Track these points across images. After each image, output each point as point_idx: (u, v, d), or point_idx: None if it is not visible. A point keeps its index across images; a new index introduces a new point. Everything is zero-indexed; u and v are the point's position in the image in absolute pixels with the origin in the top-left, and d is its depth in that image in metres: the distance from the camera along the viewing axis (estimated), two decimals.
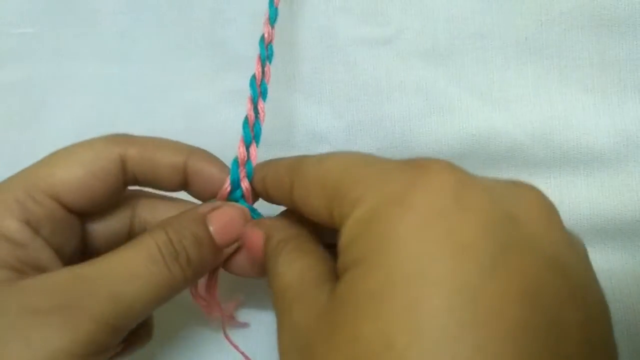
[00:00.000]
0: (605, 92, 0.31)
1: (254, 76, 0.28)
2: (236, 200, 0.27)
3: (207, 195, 0.27)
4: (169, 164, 0.26)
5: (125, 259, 0.23)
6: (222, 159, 0.35)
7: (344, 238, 0.18)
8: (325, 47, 0.33)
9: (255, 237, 0.25)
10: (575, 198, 0.31)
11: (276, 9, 0.29)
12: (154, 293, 0.23)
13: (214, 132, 0.35)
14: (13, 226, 0.23)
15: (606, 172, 0.31)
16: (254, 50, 0.34)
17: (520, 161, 0.32)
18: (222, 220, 0.26)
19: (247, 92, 0.34)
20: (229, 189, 0.27)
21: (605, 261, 0.32)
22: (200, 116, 0.35)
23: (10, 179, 0.25)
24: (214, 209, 0.26)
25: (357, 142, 0.34)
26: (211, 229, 0.25)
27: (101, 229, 0.27)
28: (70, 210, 0.25)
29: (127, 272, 0.23)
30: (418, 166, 0.18)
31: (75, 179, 0.25)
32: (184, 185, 0.27)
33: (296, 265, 0.21)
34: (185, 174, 0.27)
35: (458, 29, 0.32)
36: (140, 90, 0.36)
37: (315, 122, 0.34)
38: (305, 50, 0.34)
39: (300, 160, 0.23)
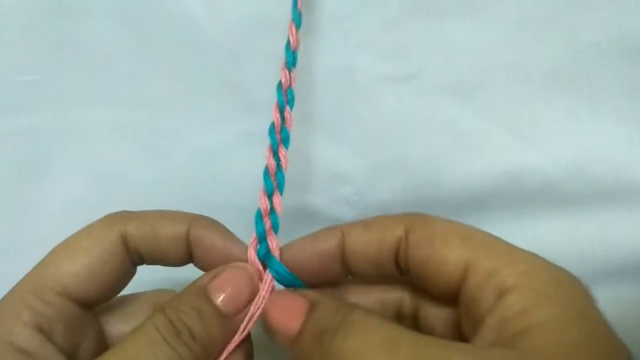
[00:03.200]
0: (639, 122, 0.30)
1: (272, 124, 0.27)
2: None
3: (212, 265, 0.25)
4: (170, 235, 0.25)
5: (126, 349, 0.22)
6: (238, 205, 0.33)
7: (520, 303, 0.20)
8: (345, 86, 0.32)
9: (295, 304, 0.23)
10: (616, 235, 0.30)
11: (294, 53, 0.28)
12: None
13: (230, 177, 0.33)
14: (23, 334, 0.22)
15: None
16: (271, 92, 0.32)
17: (556, 198, 0.31)
18: (224, 286, 0.24)
19: (265, 135, 0.33)
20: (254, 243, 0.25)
21: None
22: (215, 161, 0.34)
23: (17, 285, 0.24)
24: (214, 277, 0.24)
25: (381, 183, 0.32)
26: (215, 299, 0.23)
27: (121, 328, 0.26)
28: (82, 304, 0.24)
29: None
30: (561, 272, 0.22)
31: (81, 268, 0.24)
32: (190, 257, 0.26)
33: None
34: (189, 244, 0.25)
35: (483, 62, 0.31)
36: (151, 135, 0.34)
37: (336, 162, 0.33)
38: (324, 89, 0.32)
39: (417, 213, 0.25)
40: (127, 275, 0.26)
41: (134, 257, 0.25)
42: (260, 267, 0.25)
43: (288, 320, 0.23)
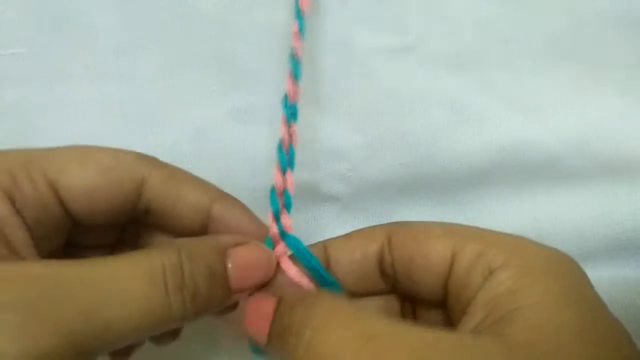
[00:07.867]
0: None
1: (286, 96, 0.26)
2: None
3: None
4: (193, 201, 0.24)
5: (119, 271, 0.20)
6: (231, 182, 0.32)
7: (510, 280, 0.19)
8: (341, 58, 0.31)
9: (262, 305, 0.22)
10: (617, 210, 0.30)
11: (304, 19, 0.27)
12: (142, 320, 0.19)
13: (223, 154, 0.32)
14: None
15: None
16: (265, 65, 0.32)
17: (557, 173, 0.30)
18: (246, 258, 0.22)
19: (258, 110, 0.32)
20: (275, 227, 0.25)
21: None
22: (208, 137, 0.33)
23: (16, 150, 0.22)
24: (239, 244, 0.23)
25: (378, 159, 0.31)
26: (229, 266, 0.22)
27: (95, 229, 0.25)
28: (65, 209, 0.23)
29: (116, 287, 0.19)
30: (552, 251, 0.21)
31: (85, 182, 0.22)
32: (202, 229, 0.25)
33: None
34: (208, 217, 0.24)
35: (483, 34, 0.30)
36: (140, 111, 0.33)
37: (331, 137, 0.32)
38: (319, 61, 0.31)
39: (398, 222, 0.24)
40: (124, 216, 0.24)
41: (142, 205, 0.24)
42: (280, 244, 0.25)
43: (258, 325, 0.21)
